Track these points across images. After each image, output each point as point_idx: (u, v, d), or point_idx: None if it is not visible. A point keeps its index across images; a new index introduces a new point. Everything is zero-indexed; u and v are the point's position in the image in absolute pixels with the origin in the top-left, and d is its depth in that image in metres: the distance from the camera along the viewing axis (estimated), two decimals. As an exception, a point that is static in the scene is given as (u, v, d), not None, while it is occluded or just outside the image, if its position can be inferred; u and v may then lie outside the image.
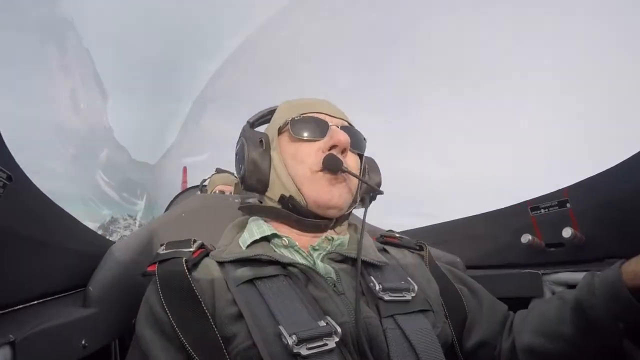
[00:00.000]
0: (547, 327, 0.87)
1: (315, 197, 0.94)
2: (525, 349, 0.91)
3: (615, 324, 0.75)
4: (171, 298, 0.82)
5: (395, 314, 0.84)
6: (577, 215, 1.08)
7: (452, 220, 1.37)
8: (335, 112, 1.04)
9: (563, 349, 0.84)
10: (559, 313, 0.85)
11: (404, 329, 0.81)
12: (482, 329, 0.98)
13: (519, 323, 0.97)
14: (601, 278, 0.78)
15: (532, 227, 1.15)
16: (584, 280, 0.82)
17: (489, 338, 0.97)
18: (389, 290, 0.86)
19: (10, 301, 0.72)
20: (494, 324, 0.99)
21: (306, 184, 0.94)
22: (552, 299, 0.93)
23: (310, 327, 0.75)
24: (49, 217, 0.87)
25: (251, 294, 0.82)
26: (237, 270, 0.89)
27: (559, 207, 1.10)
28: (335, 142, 0.94)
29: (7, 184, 0.66)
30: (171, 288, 0.83)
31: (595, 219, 1.06)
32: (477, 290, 1.06)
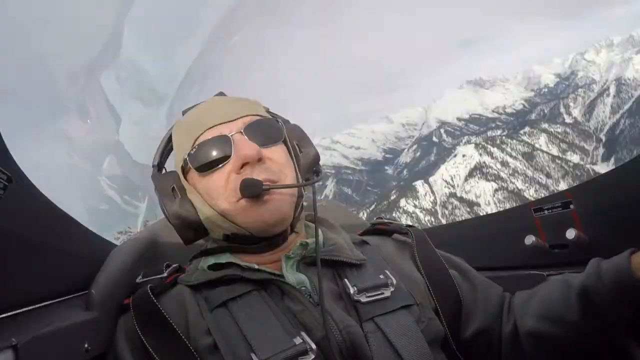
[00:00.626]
0: (552, 313, 0.86)
1: (254, 225, 0.88)
2: (529, 333, 0.90)
3: (620, 310, 0.75)
4: (144, 324, 0.82)
5: (375, 315, 0.83)
6: (580, 216, 1.07)
7: (455, 222, 1.37)
8: (233, 112, 0.93)
9: (568, 334, 0.84)
10: (564, 298, 0.84)
11: (385, 332, 0.80)
12: (479, 314, 0.97)
13: (520, 306, 0.95)
14: (609, 264, 0.78)
15: (536, 229, 1.15)
16: (590, 266, 0.82)
17: (487, 323, 0.96)
18: (365, 290, 0.85)
19: (12, 304, 0.71)
20: (491, 307, 0.98)
21: (238, 216, 0.88)
22: (556, 282, 0.92)
23: (284, 347, 0.74)
24: (51, 220, 0.86)
25: (225, 320, 0.81)
26: (210, 293, 0.87)
27: (562, 208, 1.09)
28: (243, 160, 0.87)
29: (8, 185, 0.65)
30: (142, 314, 0.83)
31: (599, 220, 1.05)
32: (470, 274, 1.05)
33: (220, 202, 0.88)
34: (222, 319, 0.82)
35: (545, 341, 0.88)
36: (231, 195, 0.87)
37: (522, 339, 0.91)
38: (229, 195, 0.87)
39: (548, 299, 0.89)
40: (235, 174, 0.87)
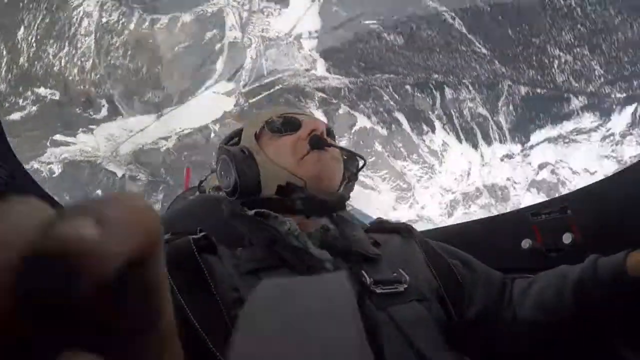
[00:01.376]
0: (547, 302, 0.89)
1: (311, 174, 0.95)
2: (525, 321, 0.92)
3: (612, 307, 0.78)
4: (177, 274, 0.78)
5: (388, 306, 0.84)
6: (577, 221, 1.08)
7: (452, 225, 1.37)
8: (304, 113, 1.10)
9: (563, 324, 0.86)
10: (559, 289, 0.87)
11: (398, 322, 0.81)
12: (480, 298, 0.99)
13: (519, 294, 0.98)
14: (605, 261, 0.80)
15: (533, 233, 1.16)
16: (587, 261, 0.84)
17: (488, 307, 0.98)
18: (381, 283, 0.86)
19: None
20: (492, 293, 1.00)
21: (299, 168, 0.96)
22: (553, 273, 0.94)
23: None
24: None
25: (254, 284, 0.80)
26: (240, 256, 0.88)
27: (559, 213, 1.10)
28: (313, 127, 0.99)
29: (9, 181, 0.67)
30: (178, 264, 0.81)
31: (595, 226, 1.06)
32: (471, 262, 1.07)
33: (289, 157, 0.97)
34: (251, 282, 0.82)
35: (539, 330, 0.91)
36: (298, 153, 0.96)
37: (520, 326, 0.94)
38: (295, 153, 0.96)
39: (544, 289, 0.92)
40: (303, 140, 0.97)
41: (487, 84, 15.16)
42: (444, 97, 15.82)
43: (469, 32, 14.41)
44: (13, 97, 13.14)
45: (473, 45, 14.59)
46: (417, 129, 17.59)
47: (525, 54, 14.20)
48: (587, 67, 13.61)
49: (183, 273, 0.79)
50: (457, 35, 14.51)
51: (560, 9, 13.22)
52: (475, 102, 15.61)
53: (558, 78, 14.13)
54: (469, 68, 15.17)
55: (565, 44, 13.65)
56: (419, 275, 0.95)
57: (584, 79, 13.78)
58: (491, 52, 14.49)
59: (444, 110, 15.83)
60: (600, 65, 13.45)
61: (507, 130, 15.40)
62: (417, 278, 0.94)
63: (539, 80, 14.38)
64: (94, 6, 13.85)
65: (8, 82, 13.02)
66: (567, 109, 14.30)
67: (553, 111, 14.49)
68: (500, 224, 1.25)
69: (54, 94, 13.50)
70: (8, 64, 13.00)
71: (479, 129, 15.82)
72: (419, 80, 16.43)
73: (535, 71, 14.33)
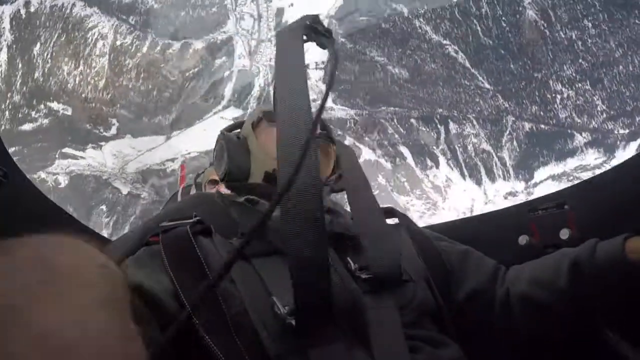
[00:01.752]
0: (542, 278, 0.89)
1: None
2: (519, 296, 0.92)
3: (607, 289, 0.78)
4: (175, 260, 0.80)
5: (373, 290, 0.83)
6: (574, 217, 1.07)
7: (449, 221, 1.36)
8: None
9: (554, 301, 0.86)
10: (556, 266, 0.87)
11: (382, 306, 0.81)
12: (471, 279, 0.99)
13: (514, 273, 0.98)
14: (604, 244, 0.81)
15: (530, 229, 1.14)
16: (587, 242, 0.84)
17: (480, 287, 0.98)
18: (366, 268, 0.86)
19: None
20: (484, 274, 1.00)
21: None
22: (552, 254, 0.94)
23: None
24: (45, 215, 0.86)
25: (246, 268, 0.82)
26: (231, 244, 0.88)
27: (556, 208, 1.09)
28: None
29: (4, 181, 0.66)
30: (175, 251, 0.82)
31: (593, 221, 1.05)
32: (465, 250, 1.07)
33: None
34: (243, 268, 0.82)
35: (532, 307, 0.90)
36: None
37: (513, 302, 0.93)
38: None
39: (541, 265, 0.93)
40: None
41: (490, 119, 15.28)
42: (448, 132, 15.91)
43: (472, 67, 14.65)
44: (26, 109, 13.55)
45: (476, 79, 14.80)
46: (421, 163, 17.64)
47: (527, 89, 14.37)
48: (590, 103, 13.72)
49: (182, 261, 0.80)
50: (460, 69, 14.75)
51: (561, 42, 13.45)
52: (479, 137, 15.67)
53: (561, 114, 14.24)
54: (472, 103, 15.33)
55: (567, 79, 13.82)
56: (404, 260, 0.94)
57: (587, 115, 13.86)
58: (494, 87, 14.68)
59: (448, 145, 15.88)
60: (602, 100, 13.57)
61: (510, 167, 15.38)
62: (403, 262, 0.93)
63: (542, 116, 14.47)
64: (109, 28, 14.39)
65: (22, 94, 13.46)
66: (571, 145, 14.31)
67: (557, 147, 14.50)
68: (497, 220, 1.24)
69: (66, 109, 13.92)
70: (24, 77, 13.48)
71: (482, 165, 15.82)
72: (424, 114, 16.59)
73: (538, 107, 14.46)
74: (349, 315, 0.77)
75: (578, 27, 13.34)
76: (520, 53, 14.25)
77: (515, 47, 14.30)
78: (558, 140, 14.48)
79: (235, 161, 1.05)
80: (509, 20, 14.17)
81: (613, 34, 13.11)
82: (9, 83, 13.36)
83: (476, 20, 14.36)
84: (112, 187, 14.63)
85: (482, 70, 14.78)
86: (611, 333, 0.97)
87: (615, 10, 13.00)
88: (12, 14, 13.12)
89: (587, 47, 13.41)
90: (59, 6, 13.64)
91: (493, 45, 14.48)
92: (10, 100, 13.37)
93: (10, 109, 13.37)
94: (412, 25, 14.97)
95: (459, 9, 14.43)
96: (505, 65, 14.54)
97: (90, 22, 14.23)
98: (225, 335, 0.71)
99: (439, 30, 14.81)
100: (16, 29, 13.32)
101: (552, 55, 13.85)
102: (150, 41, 14.71)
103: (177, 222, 0.92)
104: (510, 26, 14.16)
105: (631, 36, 12.96)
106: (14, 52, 13.32)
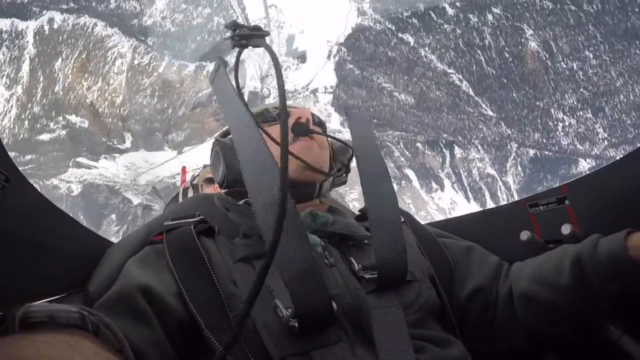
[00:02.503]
0: (545, 275, 0.86)
1: (296, 163, 0.94)
2: (521, 294, 0.89)
3: (608, 285, 0.75)
4: (179, 260, 0.79)
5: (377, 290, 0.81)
6: (576, 211, 1.03)
7: (450, 218, 1.33)
8: (292, 105, 1.10)
9: (557, 298, 0.83)
10: (558, 263, 0.84)
11: (387, 306, 0.78)
12: (475, 276, 0.96)
13: (517, 270, 0.95)
14: (605, 240, 0.78)
15: (531, 224, 1.11)
16: (589, 239, 0.81)
17: (484, 283, 0.95)
18: (369, 268, 0.83)
19: (8, 303, 0.68)
20: (487, 271, 0.97)
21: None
22: (553, 250, 0.91)
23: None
24: (48, 218, 0.84)
25: (248, 270, 0.80)
26: (233, 244, 0.87)
27: (557, 204, 1.06)
28: (298, 115, 0.98)
29: (5, 185, 0.63)
30: (179, 251, 0.81)
31: (594, 216, 1.01)
32: (469, 246, 1.04)
33: (272, 146, 0.94)
34: (244, 268, 0.80)
35: (535, 304, 0.87)
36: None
37: (515, 300, 0.90)
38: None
39: (543, 263, 0.90)
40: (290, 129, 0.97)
41: (495, 145, 15.27)
42: (453, 156, 15.97)
43: (475, 95, 14.76)
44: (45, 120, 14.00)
45: (480, 107, 14.89)
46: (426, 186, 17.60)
47: (530, 117, 14.43)
48: (591, 130, 13.71)
49: (186, 261, 0.79)
50: (464, 97, 14.86)
51: (562, 72, 13.55)
52: (484, 162, 15.67)
53: (563, 141, 14.22)
54: (476, 129, 15.41)
55: (569, 107, 13.86)
56: (409, 258, 0.92)
57: (589, 142, 13.81)
58: (497, 114, 14.73)
59: (453, 169, 15.90)
60: (604, 128, 13.55)
61: (515, 191, 15.27)
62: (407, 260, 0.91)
63: (545, 143, 14.47)
64: (128, 48, 14.86)
65: (42, 106, 13.91)
66: (575, 170, 14.21)
67: (561, 172, 14.39)
68: (498, 216, 1.21)
69: (83, 122, 14.42)
70: (44, 90, 13.86)
71: (487, 189, 15.74)
72: (430, 139, 16.65)
73: (541, 134, 14.47)
74: (352, 316, 0.74)
75: (579, 57, 13.46)
76: (522, 82, 14.35)
77: (517, 76, 14.42)
78: (562, 165, 14.37)
79: (232, 168, 1.03)
80: (511, 50, 14.33)
81: (614, 64, 13.21)
82: (30, 94, 13.98)
83: (480, 50, 14.54)
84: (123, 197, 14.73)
85: (486, 98, 14.88)
86: (614, 329, 0.92)
87: (615, 41, 13.11)
88: (36, 29, 13.87)
89: (588, 76, 13.50)
90: (81, 25, 14.20)
91: (496, 75, 14.62)
92: (30, 110, 13.97)
93: (29, 119, 13.97)
94: (418, 54, 15.19)
95: (463, 40, 14.63)
96: (508, 94, 14.63)
97: (110, 42, 14.89)
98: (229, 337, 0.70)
99: (444, 60, 14.99)
100: (39, 43, 14.05)
101: (553, 84, 13.93)
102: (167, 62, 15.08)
103: (180, 221, 0.90)
104: (513, 57, 14.32)
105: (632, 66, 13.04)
106: (35, 65, 14.00)
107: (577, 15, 13.35)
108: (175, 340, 0.71)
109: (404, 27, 14.70)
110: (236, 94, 0.81)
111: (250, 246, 0.84)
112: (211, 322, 0.70)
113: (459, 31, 14.50)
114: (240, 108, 0.78)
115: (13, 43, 13.86)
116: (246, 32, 0.79)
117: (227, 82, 0.85)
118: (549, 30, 13.72)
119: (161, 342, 0.68)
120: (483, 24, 14.19)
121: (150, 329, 0.68)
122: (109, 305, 0.71)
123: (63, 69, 14.02)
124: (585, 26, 13.31)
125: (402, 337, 0.73)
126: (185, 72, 15.57)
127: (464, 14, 14.20)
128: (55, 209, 0.84)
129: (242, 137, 0.76)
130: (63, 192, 14.05)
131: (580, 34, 13.47)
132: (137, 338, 0.64)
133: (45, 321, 0.44)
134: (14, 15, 13.34)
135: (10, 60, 13.97)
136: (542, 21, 13.76)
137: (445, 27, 14.43)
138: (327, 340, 0.69)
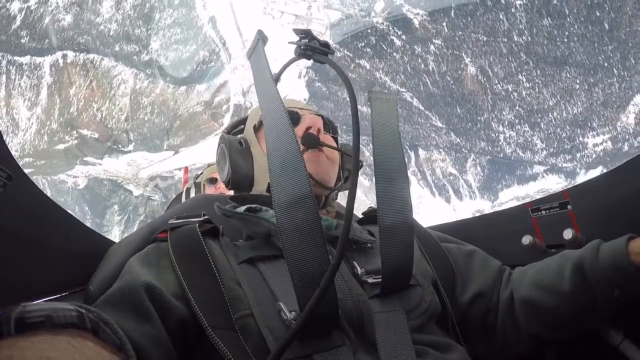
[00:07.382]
0: (546, 281, 0.76)
1: None
2: (522, 300, 0.79)
3: (610, 291, 0.67)
4: (183, 259, 0.69)
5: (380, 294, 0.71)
6: (578, 216, 0.93)
7: (452, 222, 1.21)
8: (305, 107, 0.97)
9: (558, 304, 0.74)
10: (559, 269, 0.75)
11: (389, 310, 0.69)
12: (476, 280, 0.86)
13: (518, 275, 0.85)
14: (607, 246, 0.70)
15: (533, 229, 1.00)
16: (590, 244, 0.72)
17: (485, 289, 0.85)
18: (373, 273, 0.73)
19: (9, 302, 0.63)
20: (488, 276, 0.87)
21: None
22: (554, 256, 0.81)
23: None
24: (49, 217, 0.75)
25: (252, 272, 0.70)
26: (240, 246, 0.77)
27: (559, 208, 0.95)
28: (309, 124, 0.86)
29: (7, 183, 0.58)
30: (183, 249, 0.71)
31: (596, 221, 0.92)
32: (472, 250, 0.93)
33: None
34: (249, 270, 0.71)
35: (536, 310, 0.78)
36: None
37: (516, 305, 0.81)
38: None
39: (543, 269, 0.80)
40: (299, 137, 0.85)
41: (454, 149, 15.50)
42: (418, 157, 16.07)
43: (425, 109, 15.09)
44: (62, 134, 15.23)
45: (430, 119, 15.19)
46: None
47: (474, 128, 14.76)
48: (530, 142, 14.10)
49: (190, 260, 0.69)
50: (416, 110, 15.16)
51: (499, 92, 13.95)
52: (445, 162, 15.84)
53: (506, 149, 14.52)
54: (429, 137, 15.64)
55: (507, 122, 14.25)
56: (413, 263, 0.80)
57: (529, 151, 14.16)
58: (446, 126, 15.02)
59: (419, 168, 16.05)
60: (541, 140, 13.96)
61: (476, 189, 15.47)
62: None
63: (490, 150, 14.74)
64: (130, 75, 16.32)
65: (59, 122, 15.14)
66: (531, 171, 14.45)
67: (518, 173, 14.57)
68: (500, 220, 1.09)
69: (93, 134, 15.65)
70: (60, 110, 15.17)
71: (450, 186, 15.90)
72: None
73: (486, 143, 14.77)
74: (354, 320, 0.66)
75: (513, 80, 13.91)
76: (463, 100, 14.69)
77: (459, 95, 14.76)
78: (519, 167, 14.49)
79: (238, 169, 0.91)
80: (452, 75, 14.70)
81: (546, 86, 13.67)
82: (48, 114, 15.00)
83: (425, 74, 14.93)
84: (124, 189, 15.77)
85: (434, 112, 15.13)
86: (615, 334, 0.85)
87: (546, 67, 13.55)
88: (52, 62, 15.00)
89: (522, 97, 13.91)
90: (90, 59, 15.57)
91: (441, 94, 14.93)
92: (49, 127, 14.99)
93: (48, 134, 15.03)
94: (374, 76, 15.45)
95: (410, 65, 15.00)
96: (452, 110, 14.94)
97: (115, 71, 16.22)
98: (233, 338, 0.62)
99: (396, 81, 15.30)
100: (55, 73, 15.15)
101: (492, 102, 14.32)
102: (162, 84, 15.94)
103: (185, 220, 0.80)
104: (454, 80, 14.70)
105: (563, 87, 13.49)
106: (52, 91, 15.11)
107: (509, 45, 13.78)
108: (177, 339, 0.63)
109: (360, 55, 15.13)
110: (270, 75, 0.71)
111: (255, 248, 0.75)
112: (214, 322, 0.62)
113: (406, 59, 14.92)
114: (272, 89, 0.69)
115: (32, 73, 14.70)
116: (315, 44, 0.72)
117: (264, 58, 0.73)
118: (485, 59, 14.14)
119: (163, 340, 0.60)
120: (426, 53, 14.65)
121: (152, 326, 0.59)
122: (110, 302, 0.63)
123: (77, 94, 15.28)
124: (517, 54, 13.75)
125: (404, 342, 0.65)
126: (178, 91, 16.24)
127: (409, 45, 14.66)
128: (57, 207, 0.76)
129: (272, 117, 0.68)
130: (70, 185, 14.68)
131: (513, 61, 13.92)
132: (139, 335, 0.56)
133: (42, 321, 0.38)
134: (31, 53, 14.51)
135: (31, 87, 14.74)
136: (478, 51, 14.18)
137: (394, 55, 14.88)
138: (329, 344, 0.62)
